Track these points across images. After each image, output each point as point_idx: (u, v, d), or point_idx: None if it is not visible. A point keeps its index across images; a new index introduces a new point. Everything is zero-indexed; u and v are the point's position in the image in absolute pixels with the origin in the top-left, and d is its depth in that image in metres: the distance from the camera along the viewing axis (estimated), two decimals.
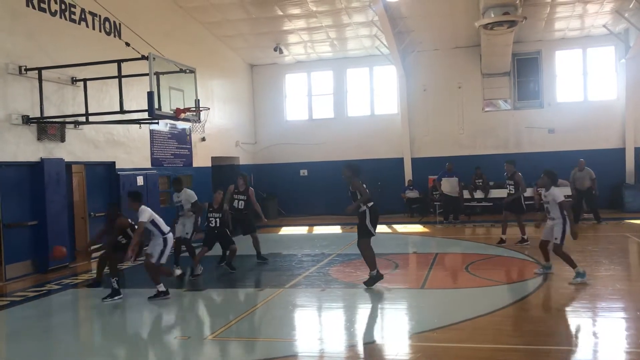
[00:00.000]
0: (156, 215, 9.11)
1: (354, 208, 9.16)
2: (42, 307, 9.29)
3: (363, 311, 8.30)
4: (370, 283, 9.11)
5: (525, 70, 20.87)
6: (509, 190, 13.36)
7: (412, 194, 20.68)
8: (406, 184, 21.02)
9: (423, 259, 12.26)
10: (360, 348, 6.48)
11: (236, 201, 12.02)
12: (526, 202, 13.66)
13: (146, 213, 8.88)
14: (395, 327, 7.49)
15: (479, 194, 19.44)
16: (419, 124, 21.36)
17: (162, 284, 8.99)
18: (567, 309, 8.08)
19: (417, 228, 17.66)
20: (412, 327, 7.27)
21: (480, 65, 20.48)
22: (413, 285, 9.90)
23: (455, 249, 13.60)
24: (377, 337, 7.02)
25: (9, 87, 11.20)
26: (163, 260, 9.09)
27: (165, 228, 9.17)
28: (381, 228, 17.60)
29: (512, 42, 18.48)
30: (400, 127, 21.39)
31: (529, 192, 19.34)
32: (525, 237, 13.00)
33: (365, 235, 9.15)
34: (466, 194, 19.36)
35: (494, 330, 6.82)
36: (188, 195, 11.52)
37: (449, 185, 18.46)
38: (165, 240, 9.04)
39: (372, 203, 9.16)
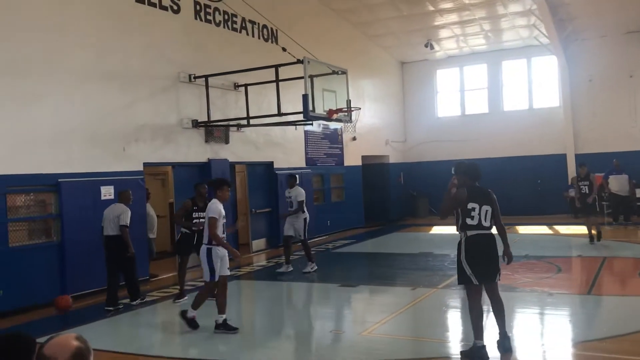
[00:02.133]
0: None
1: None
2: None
3: (521, 316, 7.88)
4: (468, 354, 5.88)
5: None
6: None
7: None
8: (569, 182, 19.62)
9: (589, 263, 11.37)
10: (520, 354, 6.17)
11: None
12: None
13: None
14: (558, 334, 7.03)
15: None
16: (584, 117, 19.83)
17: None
18: None
19: (582, 230, 16.39)
20: (577, 335, 6.78)
21: None
22: (578, 291, 9.22)
23: (626, 252, 12.44)
24: (538, 344, 6.64)
25: (180, 94, 12.28)
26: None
27: None
28: (542, 229, 16.82)
29: None
30: (563, 121, 20.04)
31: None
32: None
33: (463, 280, 6.03)
34: (639, 193, 17.62)
35: None
36: (298, 193, 11.58)
37: (617, 184, 16.92)
38: None
39: (474, 230, 5.92)
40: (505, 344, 5.88)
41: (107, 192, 10.33)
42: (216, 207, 7.24)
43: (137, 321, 8.42)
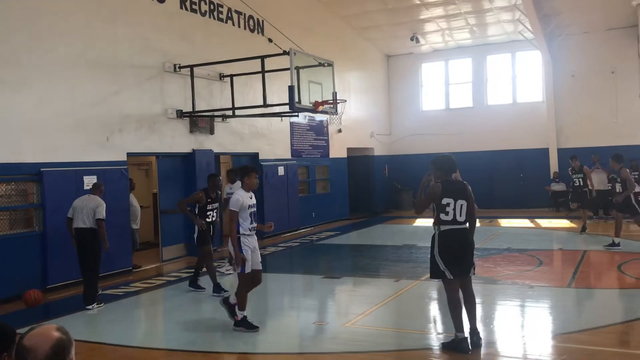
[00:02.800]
0: None
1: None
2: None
3: (503, 308, 7.99)
4: (449, 346, 5.96)
5: None
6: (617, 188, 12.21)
7: (558, 187, 19.47)
8: (551, 176, 19.85)
9: (570, 256, 11.54)
10: (500, 346, 6.27)
11: None
12: None
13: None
14: (538, 326, 7.14)
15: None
16: (567, 112, 20.03)
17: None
18: None
19: (564, 223, 16.63)
20: (556, 327, 6.89)
21: (638, 47, 18.66)
22: (558, 284, 9.35)
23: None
24: (518, 335, 6.74)
25: (165, 84, 12.20)
26: None
27: None
28: (524, 222, 17.01)
29: None
30: (546, 116, 20.23)
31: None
32: (617, 241, 11.69)
33: (436, 274, 6.01)
34: (618, 188, 17.86)
35: None
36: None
37: (597, 179, 17.11)
38: None
39: (448, 225, 5.90)
40: (474, 339, 5.92)
41: (90, 182, 10.21)
42: (237, 200, 6.73)
43: (120, 312, 8.39)
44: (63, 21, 10.01)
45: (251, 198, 6.95)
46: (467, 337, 5.89)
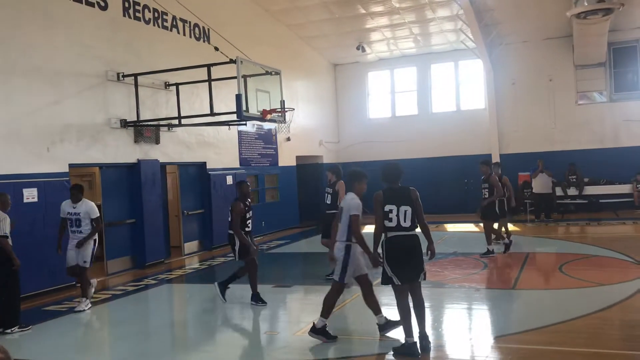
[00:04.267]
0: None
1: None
2: (140, 300, 9.83)
3: (450, 311, 8.14)
4: (399, 351, 6.10)
5: (623, 61, 19.64)
6: (484, 194, 11.89)
7: None
8: None
9: (514, 259, 11.85)
10: (448, 349, 6.37)
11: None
12: (623, 200, 12.71)
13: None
14: (484, 328, 7.31)
15: (572, 191, 18.61)
16: (508, 119, 20.68)
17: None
18: None
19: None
20: (502, 329, 7.07)
21: (573, 57, 19.52)
22: (503, 286, 9.62)
23: (548, 248, 13.08)
24: (465, 338, 6.87)
25: (108, 93, 11.90)
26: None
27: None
28: (469, 227, 17.39)
29: (608, 31, 17.49)
30: (488, 123, 20.80)
31: (626, 188, 18.34)
32: (491, 248, 11.67)
33: (385, 280, 6.17)
34: (559, 191, 18.58)
35: (590, 333, 6.50)
36: (89, 208, 8.82)
37: (541, 183, 17.74)
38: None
39: (393, 232, 6.02)
40: (423, 344, 6.00)
41: (30, 194, 9.90)
42: (358, 203, 6.46)
43: (63, 328, 8.08)
44: None
45: None
46: (416, 342, 5.96)
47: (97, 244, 9.00)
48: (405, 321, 6.02)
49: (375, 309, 6.81)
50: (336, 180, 10.11)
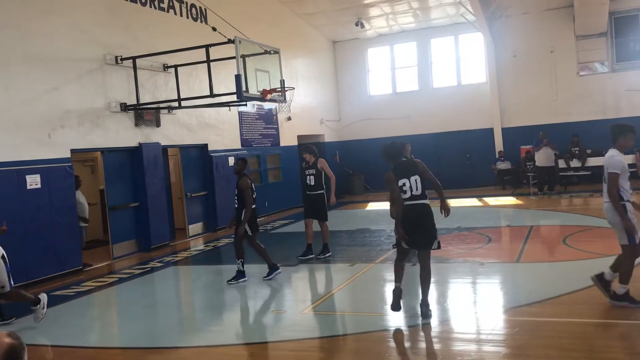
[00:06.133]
0: None
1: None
2: (147, 282, 9.91)
3: (455, 286, 8.20)
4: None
5: (624, 30, 19.45)
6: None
7: (504, 165, 20.04)
8: (497, 156, 20.39)
9: (517, 232, 11.91)
10: (454, 323, 6.43)
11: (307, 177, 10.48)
12: (631, 170, 12.61)
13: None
14: (490, 301, 7.36)
15: (575, 163, 18.58)
16: (509, 92, 20.57)
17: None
18: None
19: (510, 200, 17.14)
20: (507, 302, 7.13)
21: (574, 27, 19.33)
22: (507, 259, 9.66)
23: (551, 221, 13.11)
24: (471, 312, 6.93)
25: (107, 77, 11.85)
26: None
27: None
28: (472, 201, 17.42)
29: (609, 0, 17.29)
30: (490, 96, 20.70)
31: (629, 158, 18.27)
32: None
33: (396, 243, 6.79)
34: (562, 164, 18.55)
35: (594, 304, 6.53)
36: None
37: (544, 156, 17.69)
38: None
39: (408, 201, 6.39)
40: (423, 310, 6.31)
41: (33, 181, 9.92)
42: (619, 161, 6.21)
43: (72, 313, 8.17)
44: None
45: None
46: (399, 286, 6.37)
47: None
48: (395, 272, 6.49)
49: (626, 277, 6.29)
50: (315, 159, 10.33)
